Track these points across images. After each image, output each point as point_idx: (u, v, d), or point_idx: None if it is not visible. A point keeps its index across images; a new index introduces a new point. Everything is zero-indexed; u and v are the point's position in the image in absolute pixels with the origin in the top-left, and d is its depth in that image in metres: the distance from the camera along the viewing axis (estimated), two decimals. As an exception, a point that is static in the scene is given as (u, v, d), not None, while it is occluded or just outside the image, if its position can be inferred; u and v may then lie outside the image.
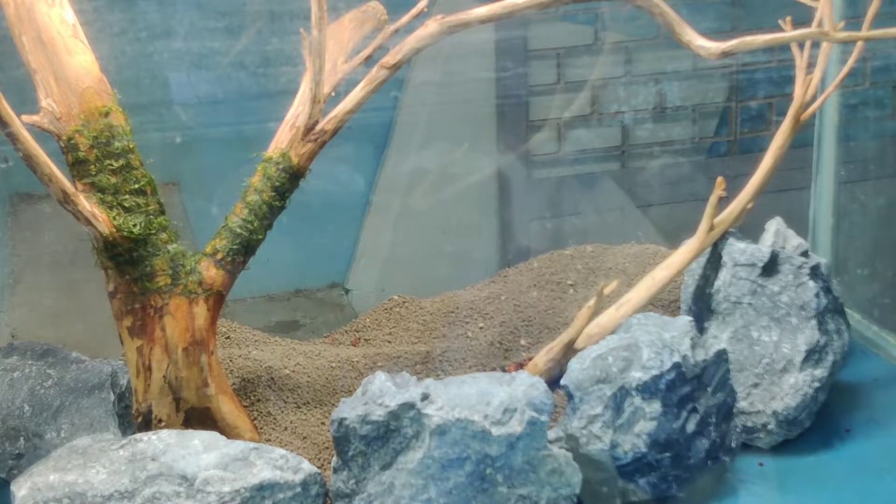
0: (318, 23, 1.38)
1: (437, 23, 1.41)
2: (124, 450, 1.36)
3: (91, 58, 1.41)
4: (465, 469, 1.37)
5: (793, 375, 1.60)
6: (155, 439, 1.38)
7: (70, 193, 1.35)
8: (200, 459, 1.34)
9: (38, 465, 1.36)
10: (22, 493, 1.31)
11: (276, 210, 1.48)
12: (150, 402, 1.47)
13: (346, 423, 1.39)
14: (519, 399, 1.38)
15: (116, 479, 1.32)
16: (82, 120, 1.39)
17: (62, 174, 1.35)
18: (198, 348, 1.47)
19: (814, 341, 1.61)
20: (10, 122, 1.26)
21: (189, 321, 1.46)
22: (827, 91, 1.73)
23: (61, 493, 1.30)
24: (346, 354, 1.75)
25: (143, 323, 1.45)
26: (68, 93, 1.38)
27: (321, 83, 1.43)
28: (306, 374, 1.69)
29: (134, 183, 1.41)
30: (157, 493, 1.31)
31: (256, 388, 1.63)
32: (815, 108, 1.70)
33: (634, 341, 1.48)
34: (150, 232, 1.42)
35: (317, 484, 1.39)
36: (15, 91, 1.30)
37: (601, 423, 1.43)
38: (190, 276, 1.46)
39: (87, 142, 1.39)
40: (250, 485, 1.33)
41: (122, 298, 1.45)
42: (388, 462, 1.39)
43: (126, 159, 1.41)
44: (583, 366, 1.47)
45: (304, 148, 1.45)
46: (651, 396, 1.43)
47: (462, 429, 1.36)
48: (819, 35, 1.54)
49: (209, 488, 1.32)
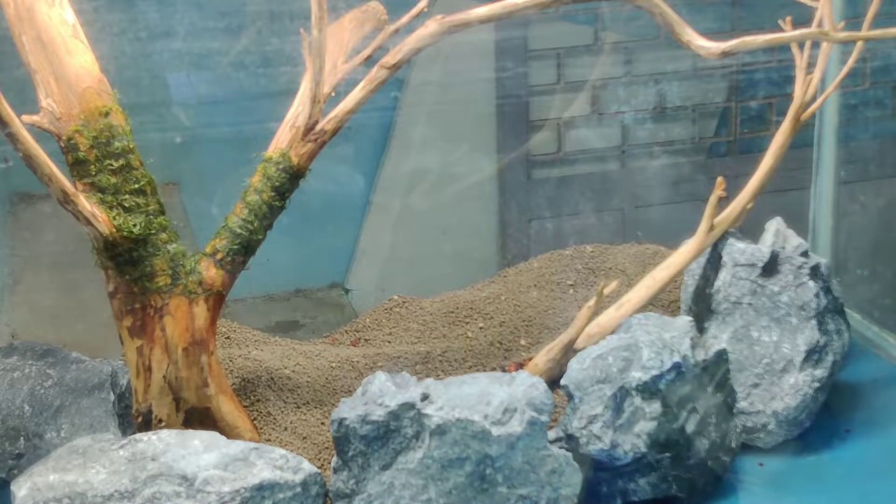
0: (317, 23, 1.38)
1: (437, 23, 1.41)
2: (124, 450, 1.36)
3: (91, 58, 1.41)
4: (465, 469, 1.37)
5: (793, 375, 1.60)
6: (155, 439, 1.38)
7: (70, 193, 1.35)
8: (200, 459, 1.34)
9: (38, 465, 1.36)
10: (22, 493, 1.31)
11: (276, 210, 1.48)
12: (150, 402, 1.47)
13: (346, 424, 1.39)
14: (519, 399, 1.39)
15: (116, 479, 1.32)
16: (82, 120, 1.39)
17: (62, 174, 1.35)
18: (198, 348, 1.47)
19: (814, 341, 1.61)
20: (10, 122, 1.26)
21: (189, 321, 1.46)
22: (827, 91, 1.74)
23: (61, 493, 1.30)
24: (347, 354, 1.75)
25: (143, 323, 1.45)
26: (68, 93, 1.39)
27: (321, 83, 1.43)
28: (306, 374, 1.69)
29: (134, 183, 1.41)
30: (157, 493, 1.31)
31: (256, 389, 1.63)
32: (815, 109, 1.70)
33: (634, 341, 1.48)
34: (150, 232, 1.42)
35: (317, 484, 1.39)
36: (15, 91, 1.30)
37: (601, 423, 1.43)
38: (190, 276, 1.46)
39: (87, 142, 1.39)
40: (250, 485, 1.33)
41: (122, 298, 1.45)
42: (388, 462, 1.39)
43: (126, 159, 1.41)
44: (583, 366, 1.47)
45: (304, 148, 1.46)
46: (651, 396, 1.44)
47: (462, 429, 1.36)
48: (819, 35, 1.54)
49: (209, 488, 1.32)
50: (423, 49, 1.42)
